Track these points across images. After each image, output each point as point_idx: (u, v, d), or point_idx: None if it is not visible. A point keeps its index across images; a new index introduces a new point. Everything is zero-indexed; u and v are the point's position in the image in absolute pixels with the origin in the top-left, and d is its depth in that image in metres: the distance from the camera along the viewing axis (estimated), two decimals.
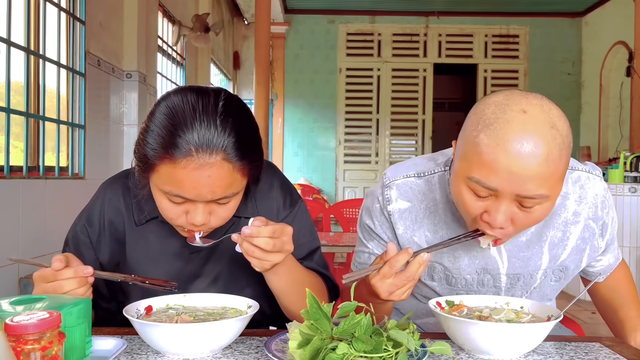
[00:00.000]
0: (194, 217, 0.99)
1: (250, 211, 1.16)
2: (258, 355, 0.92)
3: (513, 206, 0.93)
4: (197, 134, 0.93)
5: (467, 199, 0.95)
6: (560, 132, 0.90)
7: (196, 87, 1.02)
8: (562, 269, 1.15)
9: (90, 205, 1.18)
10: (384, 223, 1.16)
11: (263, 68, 6.14)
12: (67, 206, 3.32)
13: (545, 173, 0.88)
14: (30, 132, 3.11)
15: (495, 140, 0.89)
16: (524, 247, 1.11)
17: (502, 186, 0.90)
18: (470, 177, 0.92)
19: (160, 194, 1.00)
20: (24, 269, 2.94)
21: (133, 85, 4.31)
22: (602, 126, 8.04)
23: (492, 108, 0.92)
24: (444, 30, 8.76)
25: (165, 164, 0.95)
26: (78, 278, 0.93)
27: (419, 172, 1.14)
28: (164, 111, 0.97)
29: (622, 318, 1.21)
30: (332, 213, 4.16)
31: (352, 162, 8.87)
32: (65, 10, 3.52)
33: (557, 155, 0.89)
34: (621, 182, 4.40)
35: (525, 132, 0.88)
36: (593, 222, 1.13)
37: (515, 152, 0.87)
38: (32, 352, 0.71)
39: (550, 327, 0.92)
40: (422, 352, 0.84)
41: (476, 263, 1.12)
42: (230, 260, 1.15)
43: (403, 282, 0.96)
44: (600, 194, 1.13)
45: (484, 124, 0.91)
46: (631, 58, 6.57)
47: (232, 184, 0.99)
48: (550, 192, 0.91)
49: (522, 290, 1.18)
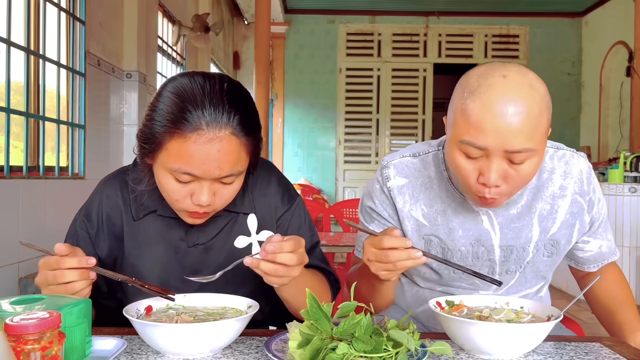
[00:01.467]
0: (199, 197, 1.01)
1: (247, 207, 1.17)
2: (258, 355, 0.92)
3: (504, 164, 1.00)
4: (207, 111, 0.97)
5: (461, 163, 1.03)
6: (539, 91, 0.99)
7: (200, 71, 1.06)
8: (553, 243, 1.19)
9: (89, 202, 1.19)
10: (384, 201, 1.22)
11: (263, 68, 6.14)
12: (67, 206, 3.32)
13: (528, 127, 0.96)
14: (30, 132, 3.11)
15: (480, 104, 0.98)
16: (515, 218, 1.17)
17: (490, 144, 0.97)
18: (462, 140, 1.00)
19: (166, 174, 1.01)
20: (24, 269, 2.94)
21: (133, 85, 4.31)
22: (602, 126, 8.04)
23: (475, 78, 1.02)
24: (444, 30, 8.76)
25: (175, 140, 0.97)
26: (80, 270, 0.93)
27: (414, 153, 1.23)
28: (173, 90, 1.00)
29: (620, 321, 1.21)
30: (332, 213, 4.16)
31: (352, 162, 8.87)
32: (65, 10, 3.52)
33: (538, 112, 0.98)
34: (621, 182, 4.40)
35: (507, 93, 0.97)
36: (580, 197, 1.19)
37: (499, 111, 0.96)
38: (32, 352, 0.71)
39: (550, 327, 0.92)
40: (422, 352, 0.84)
41: (470, 235, 1.18)
42: (228, 256, 1.16)
43: (383, 260, 0.99)
44: (584, 170, 1.19)
45: (469, 91, 1.00)
46: (631, 58, 6.58)
47: (239, 161, 1.01)
48: (536, 146, 0.98)
49: (516, 264, 1.20)
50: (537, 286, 1.27)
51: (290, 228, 1.21)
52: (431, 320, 1.30)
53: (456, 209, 1.18)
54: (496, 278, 1.14)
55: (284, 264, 0.94)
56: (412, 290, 1.32)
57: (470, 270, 1.03)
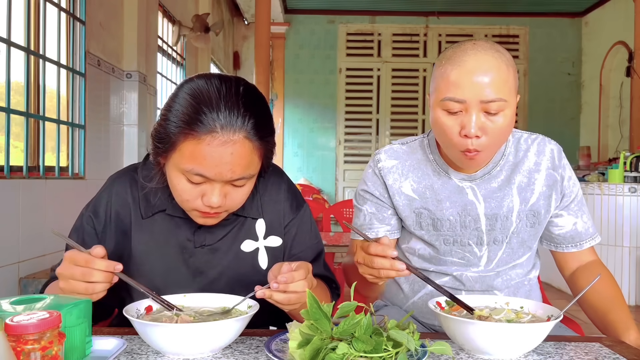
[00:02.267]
0: (210, 198, 1.01)
1: (256, 212, 1.18)
2: (258, 355, 0.92)
3: (481, 116, 1.15)
4: (222, 114, 0.98)
5: (444, 120, 1.18)
6: (505, 54, 1.18)
7: (217, 73, 1.06)
8: (534, 213, 1.32)
9: (98, 197, 1.19)
10: (376, 181, 1.36)
11: (263, 68, 6.14)
12: (67, 206, 3.33)
13: (498, 80, 1.13)
14: (30, 132, 3.11)
15: (457, 64, 1.15)
16: (497, 189, 1.31)
17: (468, 96, 1.13)
18: (443, 98, 1.16)
19: (178, 175, 1.02)
20: (24, 269, 2.94)
21: (133, 85, 4.31)
22: (602, 126, 8.04)
23: (449, 50, 1.21)
24: (444, 30, 8.77)
25: (188, 141, 0.98)
26: (106, 273, 0.93)
27: (402, 142, 1.40)
28: (189, 92, 1.01)
29: (613, 319, 1.23)
30: (332, 213, 4.16)
31: (352, 162, 8.87)
32: (65, 10, 3.52)
33: (505, 68, 1.15)
34: (621, 182, 4.40)
35: (478, 54, 1.15)
36: (553, 171, 1.32)
37: (473, 68, 1.14)
38: (32, 352, 0.71)
39: (550, 327, 0.92)
40: (422, 352, 0.84)
41: (457, 205, 1.30)
42: (234, 258, 1.16)
43: (370, 265, 1.04)
44: (555, 150, 1.34)
45: (446, 59, 1.18)
46: (631, 58, 6.58)
47: (251, 164, 1.02)
48: (506, 97, 1.14)
49: (502, 234, 1.31)
50: (525, 256, 1.35)
51: (297, 235, 1.22)
52: (430, 315, 1.33)
53: (442, 185, 1.31)
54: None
55: (296, 292, 0.95)
56: (407, 280, 1.39)
57: (448, 293, 1.05)
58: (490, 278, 1.31)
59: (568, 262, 1.38)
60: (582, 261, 1.36)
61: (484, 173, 1.29)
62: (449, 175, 1.30)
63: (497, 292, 1.32)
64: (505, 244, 1.31)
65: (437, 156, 1.32)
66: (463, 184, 1.30)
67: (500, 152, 1.30)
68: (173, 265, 1.14)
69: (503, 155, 1.30)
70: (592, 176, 4.76)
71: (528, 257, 1.36)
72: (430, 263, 1.34)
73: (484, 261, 1.31)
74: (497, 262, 1.32)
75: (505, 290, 1.33)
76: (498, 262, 1.32)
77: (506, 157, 1.31)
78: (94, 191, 1.23)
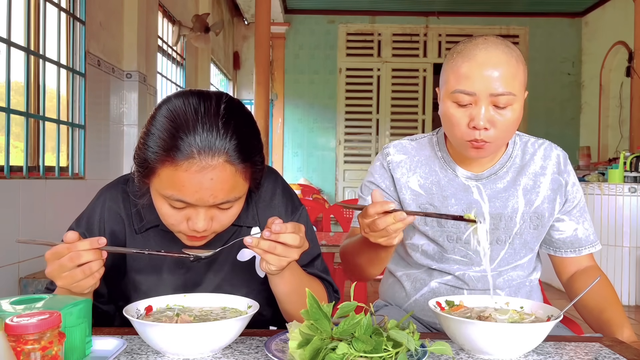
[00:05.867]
0: (195, 223, 0.98)
1: (251, 220, 1.16)
2: (258, 355, 0.92)
3: (490, 109, 1.17)
4: (199, 137, 0.93)
5: (453, 111, 1.19)
6: (514, 50, 1.20)
7: (197, 90, 1.01)
8: (538, 216, 1.33)
9: (90, 212, 1.16)
10: (383, 174, 1.37)
11: (263, 68, 6.14)
12: (67, 206, 3.33)
13: (508, 74, 1.16)
14: (30, 132, 3.11)
15: (467, 57, 1.17)
16: (502, 190, 1.32)
17: (478, 88, 1.15)
18: (453, 90, 1.18)
19: (161, 199, 0.99)
20: (24, 269, 2.94)
21: (133, 85, 4.31)
22: (602, 126, 8.04)
23: (460, 45, 1.23)
24: (444, 30, 8.77)
25: (166, 167, 0.94)
26: (94, 250, 0.92)
27: (412, 138, 1.42)
28: (166, 114, 0.96)
29: (608, 318, 1.24)
30: (332, 213, 4.16)
31: (352, 162, 8.87)
32: (65, 10, 3.52)
33: (515, 63, 1.18)
34: (621, 182, 4.40)
35: (489, 47, 1.17)
36: (558, 175, 1.34)
37: (484, 61, 1.16)
38: (32, 352, 0.71)
39: (550, 327, 0.92)
40: (422, 352, 0.84)
41: (462, 203, 1.31)
42: (231, 269, 1.15)
43: (375, 229, 1.04)
44: (561, 155, 1.37)
45: (457, 52, 1.21)
46: (631, 58, 6.58)
47: (234, 188, 0.98)
48: (515, 91, 1.16)
49: (505, 234, 1.31)
50: (526, 257, 1.35)
51: None
52: (428, 310, 1.34)
53: (449, 182, 1.32)
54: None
55: (284, 243, 0.94)
56: (409, 278, 1.39)
57: (450, 216, 1.11)
58: (492, 278, 1.32)
59: (566, 267, 1.39)
60: (579, 266, 1.38)
61: (490, 173, 1.31)
62: (456, 172, 1.32)
63: (499, 291, 1.32)
64: (507, 244, 1.32)
65: (445, 153, 1.34)
66: (469, 183, 1.31)
67: (507, 154, 1.33)
68: (169, 281, 1.13)
69: (510, 157, 1.32)
70: (592, 176, 4.76)
71: (529, 259, 1.36)
72: (433, 260, 1.35)
73: (485, 260, 1.32)
74: (499, 262, 1.33)
75: (506, 289, 1.33)
76: (500, 262, 1.33)
77: (513, 159, 1.33)
78: (94, 191, 1.22)
